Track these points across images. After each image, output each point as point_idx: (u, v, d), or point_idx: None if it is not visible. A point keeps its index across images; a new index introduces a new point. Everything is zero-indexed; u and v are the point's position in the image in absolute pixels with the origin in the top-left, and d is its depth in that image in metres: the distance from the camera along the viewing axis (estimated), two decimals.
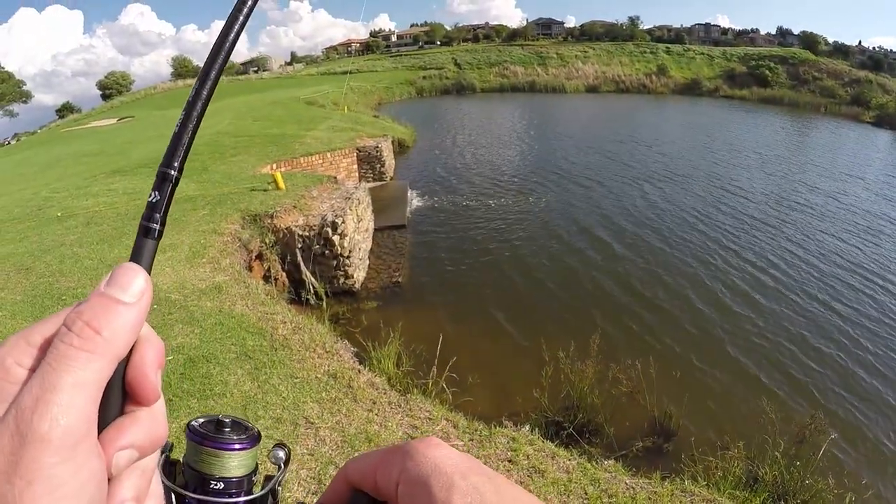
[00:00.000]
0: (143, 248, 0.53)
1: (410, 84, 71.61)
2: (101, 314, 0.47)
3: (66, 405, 0.42)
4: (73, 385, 0.43)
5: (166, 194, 0.54)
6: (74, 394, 0.43)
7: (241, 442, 0.63)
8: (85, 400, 0.43)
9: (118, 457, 0.47)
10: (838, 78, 73.29)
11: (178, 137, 0.56)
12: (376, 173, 21.02)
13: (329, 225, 11.17)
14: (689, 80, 79.51)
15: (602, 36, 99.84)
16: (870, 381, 9.79)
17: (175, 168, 0.55)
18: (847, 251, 15.97)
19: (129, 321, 0.48)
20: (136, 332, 0.49)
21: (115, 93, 79.74)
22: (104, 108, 65.30)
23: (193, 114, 0.55)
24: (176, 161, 0.55)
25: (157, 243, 0.54)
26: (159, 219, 0.54)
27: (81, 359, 0.44)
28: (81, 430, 0.43)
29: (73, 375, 0.43)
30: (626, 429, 7.86)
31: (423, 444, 0.56)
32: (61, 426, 0.41)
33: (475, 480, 0.51)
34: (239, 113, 30.40)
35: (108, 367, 0.46)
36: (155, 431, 0.51)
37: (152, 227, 0.53)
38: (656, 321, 11.33)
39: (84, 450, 0.43)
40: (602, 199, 20.37)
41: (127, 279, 0.50)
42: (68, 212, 11.89)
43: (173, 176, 0.55)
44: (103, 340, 0.45)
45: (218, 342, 6.68)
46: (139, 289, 0.49)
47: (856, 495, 6.47)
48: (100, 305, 0.47)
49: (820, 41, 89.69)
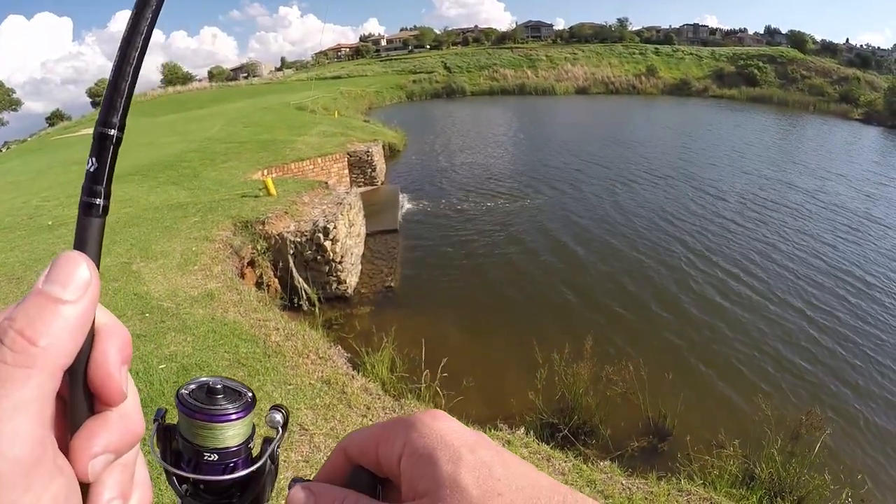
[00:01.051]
0: (86, 228, 0.45)
1: (400, 88, 71.71)
2: (37, 319, 0.41)
3: (8, 434, 0.37)
4: (14, 409, 0.38)
5: (107, 159, 0.45)
6: (16, 418, 0.38)
7: (236, 411, 0.59)
8: (29, 423, 0.39)
9: (93, 464, 0.43)
10: (826, 76, 73.94)
11: (113, 85, 0.45)
12: (367, 178, 21.01)
13: (321, 230, 11.14)
14: (678, 80, 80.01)
15: (591, 38, 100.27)
16: (863, 377, 9.83)
17: (114, 125, 0.45)
18: (836, 249, 16.05)
19: (70, 322, 0.42)
20: (81, 332, 0.43)
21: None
22: (94, 115, 64.67)
23: (131, 54, 0.45)
24: (114, 117, 0.45)
25: (103, 221, 0.46)
26: (101, 191, 0.45)
27: (18, 378, 0.39)
28: (32, 456, 0.38)
29: (12, 399, 0.38)
30: (621, 429, 7.86)
31: (428, 415, 0.53)
32: (9, 458, 0.37)
33: (483, 454, 0.49)
34: (229, 119, 30.36)
35: (50, 380, 0.40)
36: (127, 431, 0.46)
37: (95, 203, 0.45)
38: (649, 322, 11.35)
39: (42, 475, 0.39)
40: (593, 201, 20.43)
41: (67, 271, 0.43)
42: (59, 220, 11.82)
43: (113, 136, 0.45)
44: (41, 351, 0.40)
45: (211, 350, 6.64)
46: (82, 281, 0.43)
47: (852, 490, 6.49)
48: (35, 307, 0.41)
49: (808, 40, 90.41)
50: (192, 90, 78.66)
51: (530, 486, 0.47)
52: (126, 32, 0.45)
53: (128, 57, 0.45)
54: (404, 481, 0.50)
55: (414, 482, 0.49)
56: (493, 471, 0.47)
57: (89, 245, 0.45)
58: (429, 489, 0.47)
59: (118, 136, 0.46)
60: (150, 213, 11.80)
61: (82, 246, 0.44)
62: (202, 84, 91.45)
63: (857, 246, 16.44)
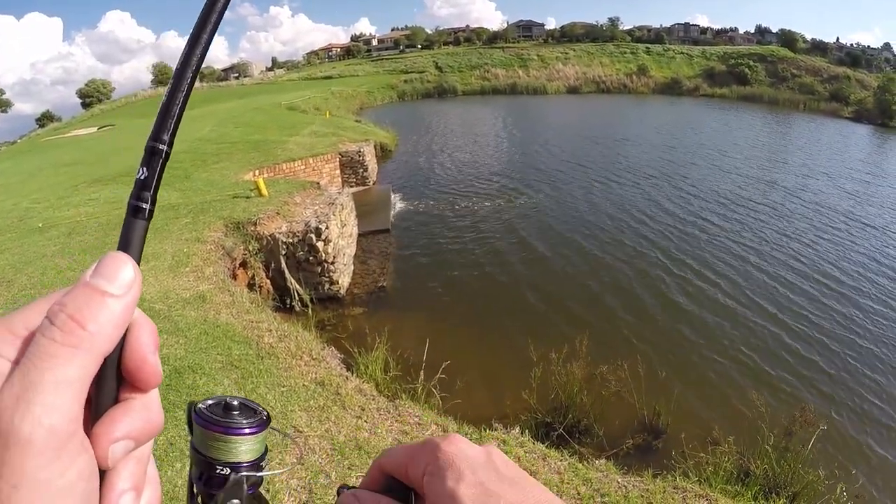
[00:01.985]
0: (132, 228, 0.50)
1: (392, 88, 71.60)
2: (85, 306, 0.44)
3: (49, 405, 0.40)
4: (57, 383, 0.41)
5: (156, 170, 0.51)
6: (58, 392, 0.41)
7: (251, 426, 0.62)
8: (69, 398, 0.41)
9: (113, 449, 0.45)
10: (817, 74, 74.44)
11: (166, 108, 0.52)
12: (359, 178, 20.98)
13: (313, 231, 11.11)
14: (669, 79, 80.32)
15: (582, 37, 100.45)
16: (856, 372, 9.89)
17: (164, 142, 0.52)
18: (829, 246, 16.16)
19: (115, 314, 0.45)
20: (123, 326, 0.46)
21: (95, 101, 78.89)
22: (84, 116, 64.65)
23: (183, 83, 0.52)
24: (165, 134, 0.52)
25: (147, 224, 0.51)
26: (149, 197, 0.50)
27: (64, 355, 0.42)
28: (66, 430, 0.41)
29: (56, 373, 0.41)
30: (615, 428, 7.87)
31: (446, 441, 0.61)
32: (45, 427, 0.40)
33: (482, 474, 0.57)
34: (220, 119, 30.23)
35: (93, 363, 0.44)
36: (150, 420, 0.49)
37: (142, 207, 0.50)
38: (642, 320, 11.37)
39: (70, 449, 0.41)
40: (586, 200, 20.46)
41: (114, 269, 0.47)
42: (49, 222, 11.75)
43: (163, 150, 0.52)
44: (88, 335, 0.43)
45: (203, 352, 6.60)
46: (127, 279, 0.47)
47: (846, 485, 6.51)
48: (84, 297, 0.45)
49: (798, 39, 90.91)
50: None
51: (520, 501, 0.54)
52: (179, 65, 0.52)
53: (180, 85, 0.52)
54: (427, 497, 0.58)
55: (431, 497, 0.57)
56: (488, 487, 0.55)
57: (133, 245, 0.50)
58: (436, 502, 0.56)
59: (167, 151, 0.52)
60: None
61: (126, 245, 0.49)
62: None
63: (848, 243, 16.54)
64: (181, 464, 4.64)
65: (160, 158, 0.51)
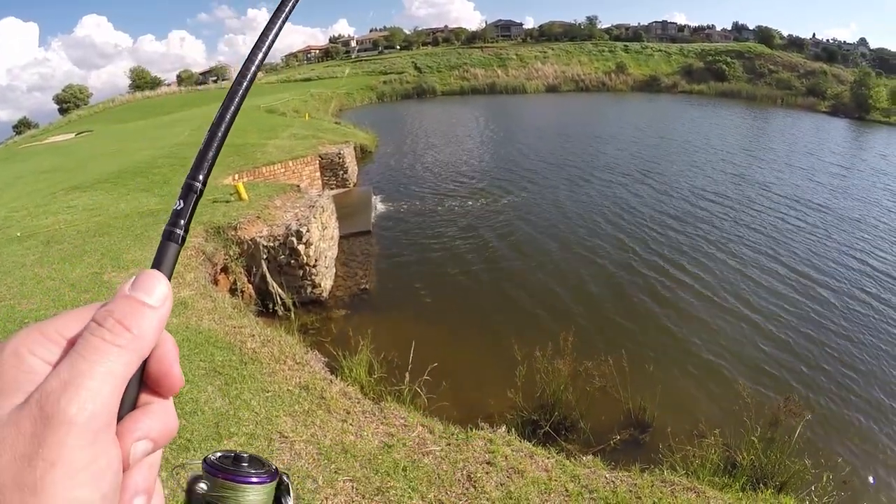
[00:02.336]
0: (166, 251, 0.58)
1: (371, 89, 71.32)
2: (130, 314, 0.51)
3: (94, 391, 0.45)
4: (104, 374, 0.46)
5: (191, 204, 0.59)
6: (104, 382, 0.46)
7: (258, 475, 0.64)
8: (111, 390, 0.46)
9: (135, 447, 0.50)
10: (794, 70, 75.40)
11: (204, 152, 0.60)
12: (339, 180, 20.93)
13: (294, 234, 11.04)
14: (647, 76, 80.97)
15: (561, 36, 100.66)
16: (840, 361, 10.00)
17: (200, 181, 0.60)
18: (805, 238, 16.34)
19: (154, 323, 0.52)
20: (159, 334, 0.53)
21: (72, 107, 77.86)
22: (62, 122, 63.81)
23: (219, 131, 0.61)
24: (201, 174, 0.60)
25: (179, 248, 0.59)
26: (184, 225, 0.59)
27: (113, 352, 0.47)
28: (105, 418, 0.45)
29: (105, 365, 0.46)
30: (602, 424, 7.89)
31: None
32: (88, 410, 0.44)
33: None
34: (199, 124, 29.95)
35: (135, 362, 0.49)
36: (168, 423, 0.54)
37: (176, 232, 0.58)
38: (626, 315, 11.43)
39: (105, 438, 0.45)
40: (567, 198, 20.55)
41: (151, 284, 0.54)
42: (28, 231, 11.56)
43: (198, 188, 0.60)
44: (133, 338, 0.49)
45: (186, 359, 6.53)
46: (162, 294, 0.55)
47: (832, 474, 6.58)
48: (128, 306, 0.52)
49: (775, 35, 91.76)
50: (161, 95, 77.21)
51: None
52: (220, 111, 0.61)
53: (216, 134, 0.61)
54: None
55: None
56: None
57: (166, 264, 0.58)
58: None
59: (201, 188, 0.61)
60: (120, 221, 11.58)
61: (161, 263, 0.58)
62: (171, 88, 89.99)
63: (825, 235, 16.76)
64: (165, 472, 4.57)
65: (195, 195, 0.60)
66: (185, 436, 5.10)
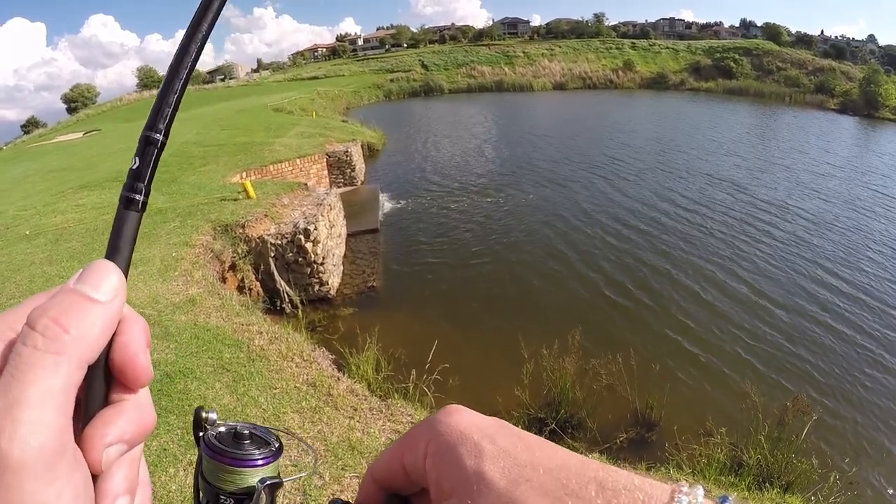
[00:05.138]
0: (124, 221, 0.49)
1: (378, 87, 71.32)
2: (68, 311, 0.42)
3: (35, 422, 0.37)
4: (41, 397, 0.38)
5: (150, 161, 0.50)
6: (43, 407, 0.38)
7: (263, 457, 0.58)
8: (55, 412, 0.39)
9: (107, 453, 0.43)
10: (802, 67, 74.93)
11: (162, 97, 0.50)
12: (347, 178, 20.94)
13: (301, 232, 11.07)
14: (655, 74, 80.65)
15: (568, 33, 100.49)
16: (849, 361, 9.96)
17: (160, 131, 0.50)
18: (818, 237, 16.28)
19: (99, 321, 0.43)
20: (107, 333, 0.44)
21: (80, 106, 78.24)
22: (70, 121, 64.10)
23: (181, 70, 0.50)
24: (161, 123, 0.50)
25: (140, 216, 0.49)
26: (143, 188, 0.49)
27: (48, 364, 0.39)
28: (56, 447, 0.38)
29: (40, 385, 0.38)
30: (608, 422, 7.90)
31: (445, 413, 0.52)
32: (34, 446, 0.37)
33: (504, 442, 0.47)
34: (206, 122, 30.02)
35: (77, 371, 0.41)
36: (142, 421, 0.47)
37: (135, 198, 0.49)
38: (634, 314, 11.42)
39: (63, 466, 0.39)
40: (574, 196, 20.50)
41: (100, 276, 0.46)
42: (37, 229, 11.64)
43: (158, 140, 0.50)
44: (71, 340, 0.41)
45: (194, 356, 6.56)
46: (112, 287, 0.45)
47: (839, 474, 6.56)
48: (68, 301, 0.43)
49: (783, 32, 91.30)
50: None
51: (558, 466, 0.44)
52: (178, 51, 0.51)
53: (178, 73, 0.50)
54: (431, 484, 0.49)
55: (441, 482, 0.47)
56: (518, 458, 0.45)
57: (125, 237, 0.49)
58: (456, 487, 0.46)
59: (162, 140, 0.50)
60: None
61: (118, 240, 0.48)
62: None
63: (838, 236, 16.68)
64: (174, 469, 4.62)
65: (155, 149, 0.50)
66: None
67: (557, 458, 0.45)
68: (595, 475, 0.43)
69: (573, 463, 0.44)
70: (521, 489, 0.43)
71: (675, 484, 0.42)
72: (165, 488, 4.37)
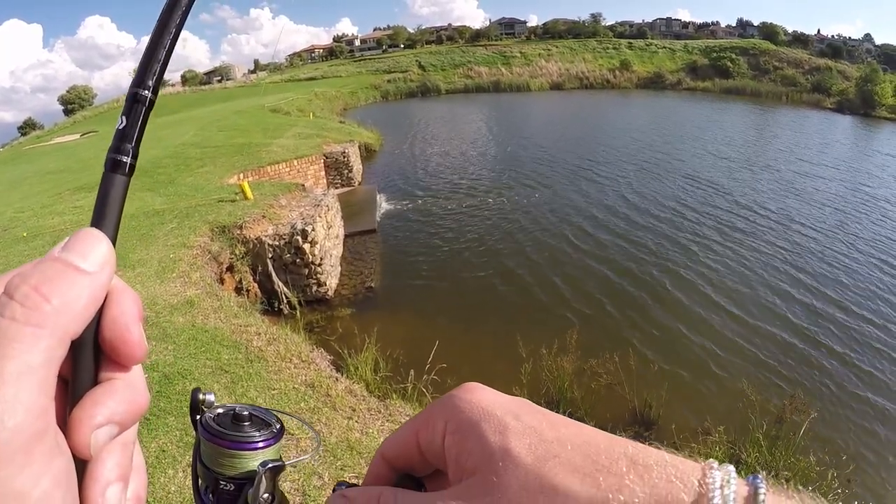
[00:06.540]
0: (111, 185, 0.44)
1: (375, 88, 71.33)
2: (52, 279, 0.38)
3: (10, 401, 0.34)
4: (18, 373, 0.35)
5: (138, 119, 0.46)
6: (20, 384, 0.35)
7: (264, 439, 0.57)
8: (34, 390, 0.35)
9: (96, 435, 0.40)
10: (799, 66, 75.09)
11: (151, 50, 0.46)
12: (344, 179, 20.93)
13: (299, 233, 11.07)
14: (652, 73, 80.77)
15: (565, 34, 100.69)
16: (846, 361, 9.98)
17: (149, 88, 0.46)
18: (814, 236, 16.31)
19: (85, 292, 0.39)
20: (93, 305, 0.40)
21: (77, 107, 78.26)
22: (66, 123, 64.16)
23: (171, 23, 0.47)
24: (150, 80, 0.46)
25: (128, 180, 0.45)
26: (130, 150, 0.45)
27: (26, 338, 0.36)
28: (34, 429, 0.35)
29: (17, 361, 0.35)
30: (607, 420, 7.89)
31: (464, 390, 0.51)
32: (8, 428, 0.33)
33: (529, 419, 0.46)
34: (203, 124, 29.99)
35: (59, 345, 0.37)
36: (134, 400, 0.43)
37: (122, 160, 0.45)
38: (632, 313, 11.42)
39: (42, 451, 0.36)
40: (572, 196, 20.50)
41: (87, 245, 0.42)
42: (34, 231, 11.64)
43: (146, 97, 0.46)
44: (53, 311, 0.37)
45: (192, 357, 6.56)
46: (101, 257, 0.42)
47: (837, 471, 6.58)
48: (52, 270, 0.39)
49: (779, 31, 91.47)
50: (165, 95, 77.27)
51: (586, 442, 0.43)
52: (167, 4, 0.47)
53: (167, 26, 0.46)
54: (450, 462, 0.47)
55: (461, 460, 0.46)
56: (543, 434, 0.44)
57: (112, 202, 0.45)
58: (479, 464, 0.44)
59: (151, 98, 0.46)
60: (125, 221, 11.48)
61: (105, 200, 0.44)
62: (175, 89, 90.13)
63: (835, 233, 16.71)
64: (173, 470, 4.62)
65: (143, 106, 0.46)
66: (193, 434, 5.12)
67: (585, 434, 0.44)
68: (625, 451, 0.42)
69: (601, 439, 0.44)
70: (549, 465, 0.42)
71: (706, 461, 0.42)
72: (165, 489, 4.37)
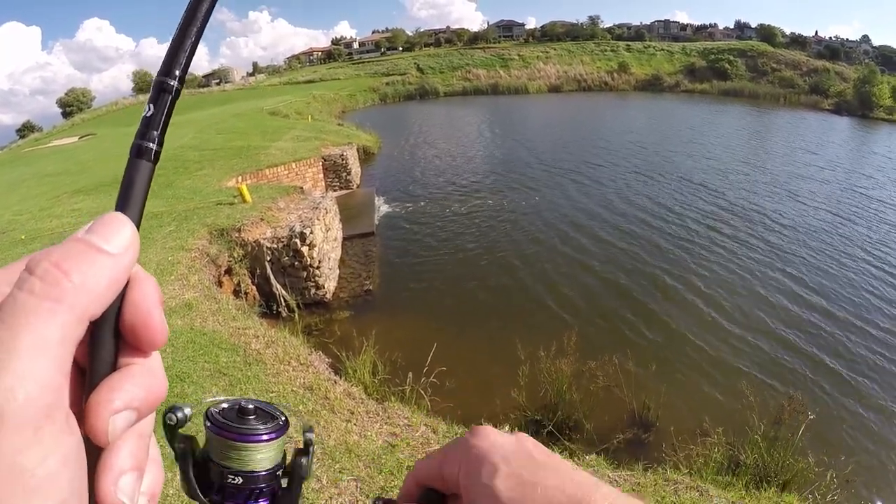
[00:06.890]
0: (137, 171, 0.45)
1: (373, 91, 71.23)
2: (74, 257, 0.38)
3: (23, 373, 0.33)
4: (33, 347, 0.34)
5: (164, 107, 0.46)
6: (34, 358, 0.34)
7: (268, 432, 0.57)
8: (49, 365, 0.35)
9: (114, 421, 0.39)
10: (796, 68, 75.14)
11: (179, 41, 0.47)
12: (342, 181, 20.95)
13: (297, 236, 11.07)
14: (649, 76, 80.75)
15: (563, 36, 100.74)
16: (844, 362, 9.98)
17: (175, 77, 0.46)
18: (813, 239, 16.33)
19: (106, 273, 0.39)
20: (114, 287, 0.40)
21: (76, 110, 78.18)
22: (65, 126, 64.13)
23: (199, 14, 0.47)
24: (177, 69, 0.46)
25: (153, 166, 0.46)
26: (156, 137, 0.45)
27: (43, 311, 0.35)
28: (45, 403, 0.34)
29: (33, 334, 0.34)
30: (605, 423, 7.90)
31: (473, 435, 0.61)
32: (19, 400, 0.33)
33: (516, 465, 0.56)
34: (202, 126, 30.00)
35: (77, 323, 0.37)
36: (153, 386, 0.43)
37: (148, 146, 0.45)
38: (631, 316, 11.41)
39: (52, 430, 0.34)
40: (570, 198, 20.52)
41: (112, 228, 0.41)
42: (33, 234, 11.64)
43: (173, 87, 0.46)
44: (73, 287, 0.37)
45: (191, 360, 6.56)
46: (125, 240, 0.41)
47: (836, 472, 6.58)
48: (75, 249, 0.39)
49: (777, 33, 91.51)
50: None
51: (556, 486, 0.53)
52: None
53: (196, 14, 0.47)
54: (463, 493, 0.59)
55: (468, 494, 0.58)
56: (523, 478, 0.55)
57: (137, 187, 0.45)
58: (476, 499, 0.56)
59: (177, 87, 0.46)
60: None
61: (130, 186, 0.44)
62: None
63: (834, 238, 16.73)
64: (173, 472, 4.60)
65: (169, 96, 0.46)
66: None
67: (557, 478, 0.55)
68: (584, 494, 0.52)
69: (570, 487, 0.53)
70: None
71: None
72: (164, 491, 4.35)
